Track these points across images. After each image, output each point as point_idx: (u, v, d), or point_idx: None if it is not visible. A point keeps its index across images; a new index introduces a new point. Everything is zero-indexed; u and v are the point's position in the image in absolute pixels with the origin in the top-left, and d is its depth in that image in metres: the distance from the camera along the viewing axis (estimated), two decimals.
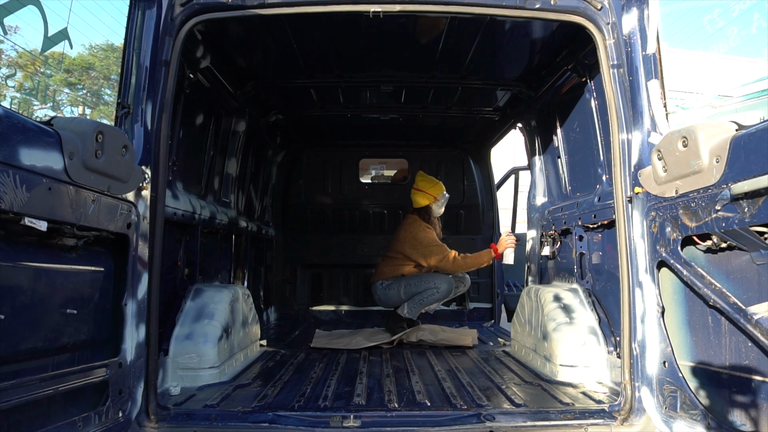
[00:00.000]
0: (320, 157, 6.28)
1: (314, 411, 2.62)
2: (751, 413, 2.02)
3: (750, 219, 1.87)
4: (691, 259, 2.26)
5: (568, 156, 4.05)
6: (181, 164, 3.45)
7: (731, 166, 1.97)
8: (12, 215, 1.73)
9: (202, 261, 3.64)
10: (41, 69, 21.18)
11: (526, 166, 5.06)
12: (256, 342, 4.12)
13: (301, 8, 2.77)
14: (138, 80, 2.57)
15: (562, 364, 3.18)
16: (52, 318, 2.00)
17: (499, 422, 2.46)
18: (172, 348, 3.03)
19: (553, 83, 3.99)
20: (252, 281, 5.09)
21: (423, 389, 3.03)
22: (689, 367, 2.35)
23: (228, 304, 3.37)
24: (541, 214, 4.42)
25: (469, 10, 2.78)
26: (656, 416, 2.44)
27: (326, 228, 6.21)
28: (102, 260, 2.33)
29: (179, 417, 2.49)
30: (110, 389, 2.27)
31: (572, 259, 3.68)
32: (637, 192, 2.57)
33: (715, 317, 2.17)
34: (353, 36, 3.63)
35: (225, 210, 4.27)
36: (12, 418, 1.81)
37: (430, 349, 4.30)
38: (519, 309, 4.01)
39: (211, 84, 3.83)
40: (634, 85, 2.64)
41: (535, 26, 3.43)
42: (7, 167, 1.68)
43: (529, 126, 4.70)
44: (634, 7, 2.66)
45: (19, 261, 1.83)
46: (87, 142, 2.05)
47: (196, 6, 2.66)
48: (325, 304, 6.21)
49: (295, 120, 5.44)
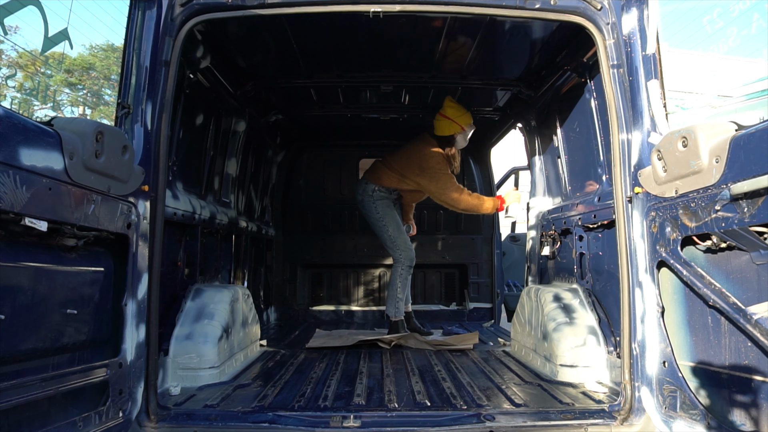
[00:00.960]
0: (320, 157, 6.28)
1: (314, 411, 2.62)
2: (751, 413, 2.02)
3: (749, 219, 1.87)
4: (690, 259, 2.26)
5: (568, 156, 4.05)
6: (181, 164, 3.45)
7: (731, 166, 1.97)
8: (12, 215, 1.73)
9: (202, 261, 3.64)
10: (41, 69, 21.19)
11: (526, 166, 5.06)
12: (256, 342, 4.12)
13: (301, 8, 2.77)
14: (138, 80, 2.57)
15: (562, 364, 3.19)
16: (53, 318, 2.00)
17: (499, 422, 2.46)
18: (172, 348, 3.03)
19: (553, 83, 3.99)
20: (252, 281, 5.09)
21: (423, 389, 3.03)
22: (689, 367, 2.35)
23: (228, 304, 3.37)
24: (541, 214, 4.43)
25: (469, 10, 2.78)
26: (656, 416, 2.44)
27: (326, 228, 6.21)
28: (102, 260, 2.33)
29: (179, 417, 2.50)
30: (110, 389, 2.27)
31: (572, 259, 3.68)
32: (637, 192, 2.57)
33: (715, 317, 2.17)
34: (353, 36, 3.63)
35: (225, 210, 4.27)
36: (12, 418, 1.81)
37: (430, 349, 4.30)
38: (519, 309, 4.01)
39: (211, 84, 3.83)
40: (634, 85, 2.64)
41: (535, 26, 3.43)
42: (8, 167, 1.68)
43: (529, 126, 4.70)
44: (634, 8, 2.66)
45: (19, 261, 1.83)
46: (87, 143, 2.05)
47: (196, 6, 2.66)
48: (325, 304, 6.21)
49: (295, 120, 5.44)
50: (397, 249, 4.66)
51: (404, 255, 4.64)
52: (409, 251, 4.68)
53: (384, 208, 4.68)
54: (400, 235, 4.67)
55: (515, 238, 6.64)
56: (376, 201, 4.68)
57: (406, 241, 4.70)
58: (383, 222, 4.64)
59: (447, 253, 6.14)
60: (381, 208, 4.67)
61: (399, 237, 4.66)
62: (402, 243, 4.66)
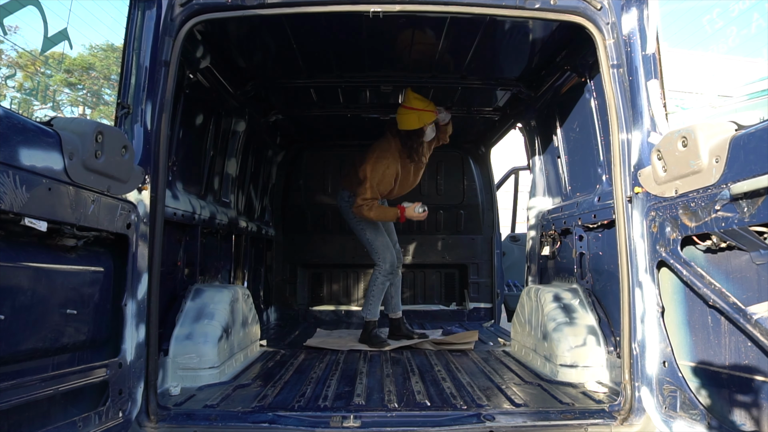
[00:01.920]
0: (320, 157, 6.28)
1: (314, 411, 2.62)
2: (751, 413, 2.02)
3: (749, 219, 1.87)
4: (690, 259, 2.26)
5: (568, 156, 4.05)
6: (181, 164, 3.45)
7: (731, 166, 1.97)
8: (12, 215, 1.73)
9: (202, 261, 3.65)
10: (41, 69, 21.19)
11: (526, 166, 5.06)
12: (256, 342, 4.12)
13: (301, 8, 2.77)
14: (138, 80, 2.57)
15: (562, 364, 3.19)
16: (52, 318, 2.00)
17: (499, 422, 2.46)
18: (172, 348, 3.03)
19: (553, 83, 3.99)
20: (252, 281, 5.09)
21: (423, 389, 3.03)
22: (689, 367, 2.35)
23: (228, 304, 3.37)
24: (541, 214, 4.43)
25: (469, 10, 2.78)
26: (656, 416, 2.44)
27: (326, 228, 6.21)
28: (102, 260, 2.33)
29: (179, 417, 2.50)
30: (110, 389, 2.27)
31: (572, 259, 3.68)
32: (637, 192, 2.57)
33: (715, 317, 2.17)
34: (353, 36, 3.63)
35: (225, 210, 4.27)
36: (12, 418, 1.81)
37: (430, 349, 4.30)
38: (519, 309, 4.01)
39: (211, 84, 3.83)
40: (634, 85, 2.64)
41: (535, 26, 3.43)
42: (7, 167, 1.68)
43: (529, 126, 4.70)
44: (634, 7, 2.66)
45: (19, 261, 1.83)
46: (87, 143, 2.05)
47: (196, 6, 2.66)
48: (325, 304, 6.21)
49: (295, 120, 5.44)
50: (374, 253, 4.48)
51: (382, 259, 4.45)
52: (388, 255, 4.45)
53: (360, 223, 4.49)
54: (377, 238, 4.47)
55: (515, 238, 6.63)
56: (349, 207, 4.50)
57: (385, 245, 4.49)
58: (360, 226, 4.49)
59: (447, 253, 6.14)
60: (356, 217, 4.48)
61: (376, 240, 4.46)
62: (380, 246, 4.46)
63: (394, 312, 4.76)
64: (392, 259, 4.49)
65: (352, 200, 4.45)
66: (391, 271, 4.49)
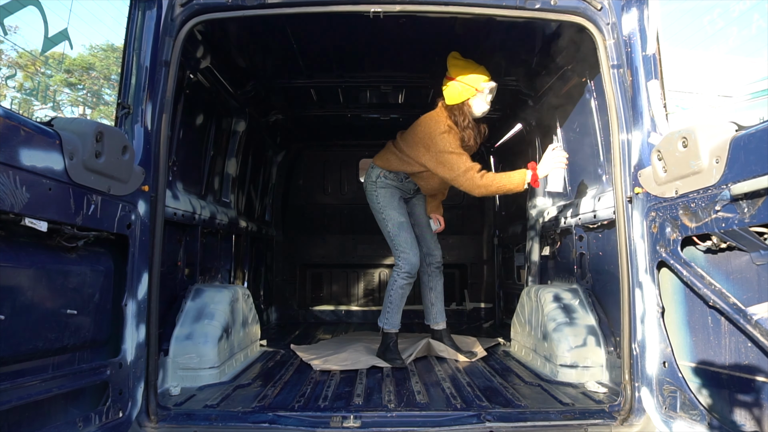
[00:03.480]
0: (320, 157, 6.29)
1: (314, 411, 2.62)
2: (751, 413, 2.02)
3: (750, 219, 1.87)
4: (690, 260, 2.26)
5: (568, 156, 4.04)
6: (181, 164, 3.45)
7: (731, 167, 1.97)
8: (12, 216, 1.73)
9: (202, 261, 3.65)
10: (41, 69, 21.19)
11: None
12: (256, 342, 4.12)
13: (301, 8, 2.77)
14: (138, 81, 2.57)
15: (562, 364, 3.19)
16: (53, 318, 2.00)
17: (499, 422, 2.46)
18: (172, 348, 3.04)
19: (553, 83, 3.99)
20: (252, 281, 5.09)
21: (423, 389, 3.03)
22: (689, 368, 2.35)
23: (228, 304, 3.37)
24: (541, 214, 4.42)
25: (469, 10, 2.78)
26: (656, 416, 2.44)
27: (326, 228, 6.22)
28: (102, 260, 2.33)
29: (179, 417, 2.50)
30: (110, 389, 2.28)
31: (572, 259, 3.68)
32: (637, 192, 2.57)
33: (715, 318, 2.17)
34: (353, 36, 3.63)
35: (225, 210, 4.27)
36: (12, 418, 1.81)
37: None
38: (519, 309, 4.01)
39: (211, 84, 3.83)
40: (634, 86, 2.64)
41: (535, 26, 3.43)
42: (8, 168, 1.68)
43: (529, 126, 4.70)
44: (634, 8, 2.66)
45: (19, 261, 1.84)
46: (87, 143, 2.05)
47: (196, 6, 2.66)
48: (325, 304, 6.21)
49: (295, 120, 5.44)
50: (395, 249, 3.79)
51: (402, 258, 3.74)
52: (410, 255, 3.74)
53: (387, 198, 3.82)
54: (401, 234, 3.75)
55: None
56: (379, 189, 3.84)
57: (408, 243, 3.76)
58: (383, 215, 3.80)
59: (447, 253, 6.10)
60: (383, 198, 3.82)
61: (399, 236, 3.75)
62: (402, 244, 3.75)
63: (435, 322, 4.13)
64: (414, 260, 3.76)
65: (381, 180, 3.84)
66: (410, 273, 3.77)
